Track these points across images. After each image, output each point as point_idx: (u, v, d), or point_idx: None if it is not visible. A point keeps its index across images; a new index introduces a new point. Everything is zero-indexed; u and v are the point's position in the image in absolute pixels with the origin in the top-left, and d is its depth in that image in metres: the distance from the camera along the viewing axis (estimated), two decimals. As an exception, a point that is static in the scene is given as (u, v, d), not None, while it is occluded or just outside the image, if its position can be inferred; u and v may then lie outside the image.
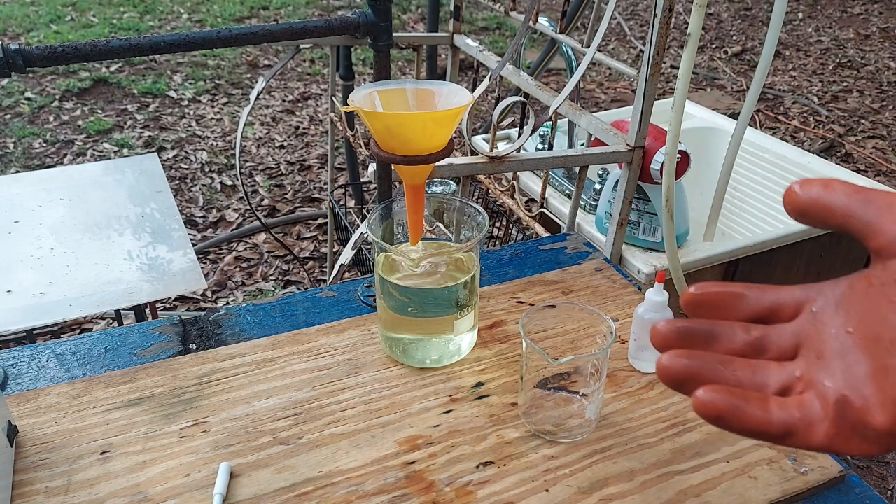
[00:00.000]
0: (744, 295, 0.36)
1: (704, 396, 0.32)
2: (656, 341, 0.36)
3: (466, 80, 2.98)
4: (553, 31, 1.25)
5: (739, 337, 0.35)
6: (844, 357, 0.32)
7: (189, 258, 1.23)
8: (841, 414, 0.31)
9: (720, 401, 0.32)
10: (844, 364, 0.32)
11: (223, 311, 0.80)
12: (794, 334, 0.34)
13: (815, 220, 0.33)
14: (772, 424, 0.32)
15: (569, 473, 0.61)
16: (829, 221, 0.33)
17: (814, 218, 0.33)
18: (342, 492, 0.58)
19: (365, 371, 0.71)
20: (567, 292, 0.83)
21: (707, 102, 3.24)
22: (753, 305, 0.35)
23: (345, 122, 1.53)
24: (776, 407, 0.32)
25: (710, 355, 0.35)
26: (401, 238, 0.74)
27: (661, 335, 0.36)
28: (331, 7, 4.60)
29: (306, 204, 2.60)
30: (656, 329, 0.36)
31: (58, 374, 0.71)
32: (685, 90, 0.95)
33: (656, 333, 0.36)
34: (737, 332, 0.35)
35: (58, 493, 0.58)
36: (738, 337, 0.35)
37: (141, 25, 4.14)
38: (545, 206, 1.22)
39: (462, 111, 0.59)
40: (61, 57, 0.92)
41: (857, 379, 0.31)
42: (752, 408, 0.32)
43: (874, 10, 4.90)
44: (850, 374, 0.31)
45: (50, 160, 2.82)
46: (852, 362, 0.31)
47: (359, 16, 1.03)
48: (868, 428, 0.30)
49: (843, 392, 0.31)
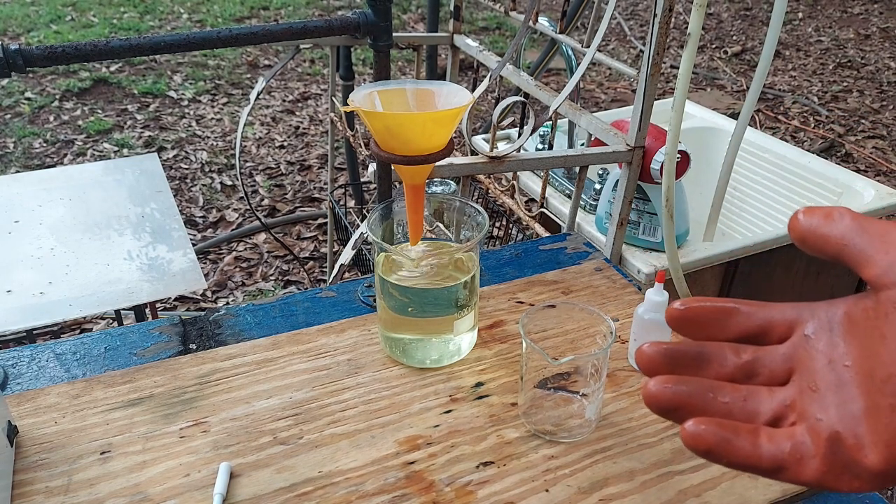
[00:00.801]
0: (732, 311, 0.35)
1: (694, 429, 0.32)
2: (642, 364, 0.35)
3: (466, 80, 2.98)
4: (553, 31, 1.25)
5: (730, 360, 0.34)
6: (839, 391, 0.31)
7: (189, 258, 1.23)
8: (833, 451, 0.30)
9: (710, 434, 0.31)
10: (839, 399, 0.31)
11: (223, 311, 0.80)
12: (786, 358, 0.33)
13: (813, 249, 0.33)
14: (762, 459, 0.31)
15: (569, 473, 0.61)
16: (826, 251, 0.32)
17: (812, 247, 0.33)
18: (342, 492, 0.58)
19: (365, 371, 0.71)
20: (567, 292, 0.83)
21: (707, 102, 3.24)
22: (743, 323, 0.34)
23: (345, 122, 1.53)
24: (766, 440, 0.32)
25: (699, 381, 0.33)
26: (401, 238, 0.74)
27: (647, 358, 0.35)
28: (331, 7, 4.60)
29: (306, 204, 2.60)
30: (642, 351, 0.35)
31: (58, 374, 0.71)
32: (685, 90, 0.95)
33: (642, 356, 0.35)
34: (727, 355, 0.34)
35: (58, 493, 0.58)
36: (729, 360, 0.34)
37: (141, 25, 4.14)
38: (545, 206, 1.22)
39: (462, 111, 0.59)
40: (61, 57, 0.91)
41: (850, 415, 0.30)
42: (741, 441, 0.31)
43: (874, 10, 4.90)
44: (843, 410, 0.31)
45: (50, 160, 2.82)
46: (847, 398, 0.31)
47: (359, 16, 1.03)
48: (860, 467, 0.30)
49: (836, 428, 0.30)
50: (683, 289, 1.10)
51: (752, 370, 0.34)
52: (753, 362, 0.34)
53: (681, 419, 0.33)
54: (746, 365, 0.34)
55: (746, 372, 0.34)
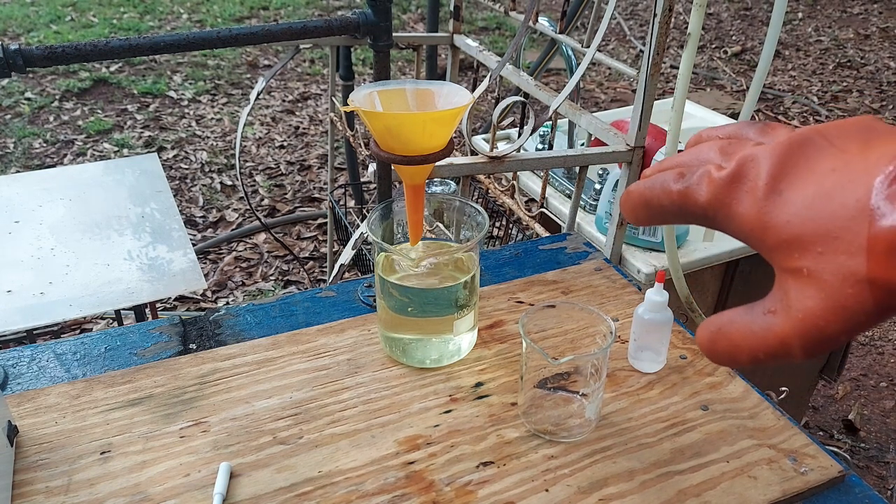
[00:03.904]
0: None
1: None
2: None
3: (466, 80, 2.98)
4: (553, 31, 1.25)
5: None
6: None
7: (189, 258, 1.23)
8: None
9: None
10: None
11: (223, 311, 0.80)
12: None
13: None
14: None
15: (569, 473, 0.61)
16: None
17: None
18: (342, 492, 0.59)
19: (365, 371, 0.71)
20: (567, 292, 0.83)
21: (707, 102, 3.24)
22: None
23: (345, 122, 1.53)
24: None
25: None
26: (401, 238, 0.74)
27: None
28: (331, 7, 4.60)
29: (306, 204, 2.60)
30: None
31: (58, 374, 0.71)
32: (685, 90, 0.95)
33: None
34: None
35: (58, 493, 0.58)
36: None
37: (141, 25, 4.14)
38: (545, 206, 1.22)
39: (462, 111, 0.59)
40: (61, 57, 0.92)
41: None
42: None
43: (874, 10, 4.90)
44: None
45: (50, 160, 2.82)
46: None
47: (359, 16, 1.03)
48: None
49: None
50: (683, 289, 1.10)
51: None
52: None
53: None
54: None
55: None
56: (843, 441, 1.77)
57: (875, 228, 0.27)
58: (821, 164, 0.30)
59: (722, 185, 0.32)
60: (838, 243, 0.28)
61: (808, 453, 0.63)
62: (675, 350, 0.74)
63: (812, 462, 0.62)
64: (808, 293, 0.30)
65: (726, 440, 0.64)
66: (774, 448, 0.63)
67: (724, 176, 0.32)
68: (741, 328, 0.33)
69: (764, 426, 0.66)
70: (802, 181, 0.30)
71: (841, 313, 0.29)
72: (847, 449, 1.74)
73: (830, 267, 0.29)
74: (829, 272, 0.29)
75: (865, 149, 0.30)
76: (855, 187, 0.28)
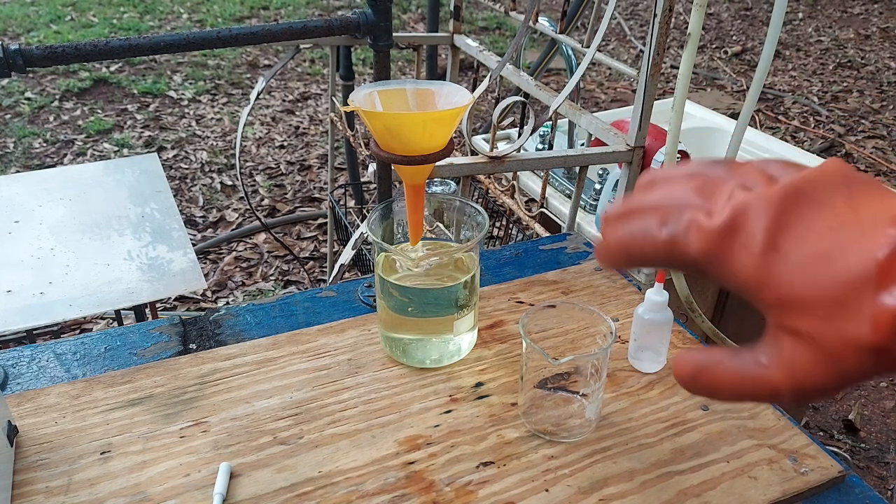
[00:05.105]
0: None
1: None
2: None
3: (466, 80, 2.98)
4: (553, 31, 1.25)
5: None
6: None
7: (189, 258, 1.23)
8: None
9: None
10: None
11: (223, 311, 0.80)
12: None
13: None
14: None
15: (569, 473, 0.61)
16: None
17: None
18: (342, 492, 0.58)
19: (365, 371, 0.71)
20: (567, 292, 0.83)
21: (707, 102, 3.24)
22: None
23: (345, 122, 1.53)
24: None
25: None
26: (401, 238, 0.74)
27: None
28: (331, 7, 4.60)
29: (306, 204, 2.60)
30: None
31: (58, 374, 0.71)
32: (685, 90, 0.95)
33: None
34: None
35: (58, 493, 0.58)
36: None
37: (141, 25, 4.14)
38: (545, 206, 1.22)
39: (462, 111, 0.59)
40: (61, 57, 0.92)
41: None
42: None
43: (874, 10, 4.90)
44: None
45: (50, 160, 2.82)
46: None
47: (359, 16, 1.03)
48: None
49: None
50: (683, 289, 1.10)
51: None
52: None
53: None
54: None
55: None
56: (844, 441, 1.77)
57: (882, 300, 0.27)
58: (817, 221, 0.30)
59: (714, 237, 0.31)
60: (841, 310, 0.28)
61: (809, 453, 0.63)
62: (675, 350, 0.74)
63: (812, 462, 0.62)
64: (806, 353, 0.30)
65: (726, 440, 0.64)
66: (775, 448, 0.63)
67: (715, 227, 0.31)
68: (728, 372, 0.33)
69: (764, 426, 0.66)
70: (801, 239, 0.30)
71: (839, 374, 0.29)
72: (847, 449, 1.74)
73: (832, 333, 0.29)
74: (831, 338, 0.29)
75: (853, 204, 0.30)
76: (857, 251, 0.28)
